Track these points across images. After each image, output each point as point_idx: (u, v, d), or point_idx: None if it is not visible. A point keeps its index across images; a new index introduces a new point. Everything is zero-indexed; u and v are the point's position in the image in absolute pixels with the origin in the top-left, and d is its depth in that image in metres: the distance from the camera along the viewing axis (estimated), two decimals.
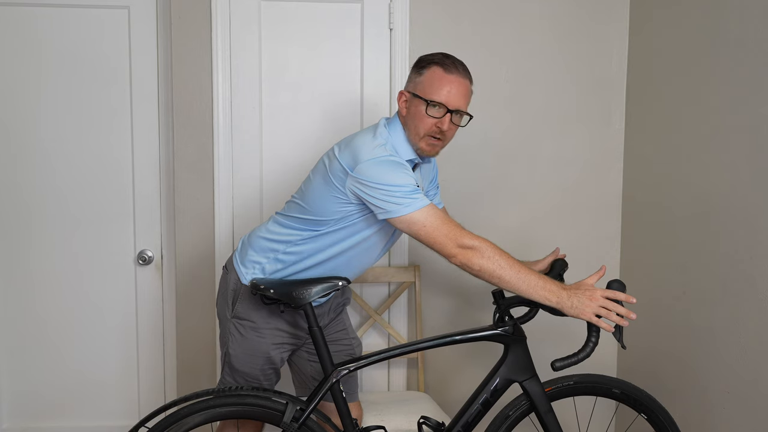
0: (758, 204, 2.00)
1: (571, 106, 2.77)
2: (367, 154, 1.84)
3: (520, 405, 1.96)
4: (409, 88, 1.96)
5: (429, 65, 1.94)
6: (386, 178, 1.82)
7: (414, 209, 1.81)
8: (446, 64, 1.93)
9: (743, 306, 2.07)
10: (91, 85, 2.73)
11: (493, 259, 1.79)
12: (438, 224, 1.81)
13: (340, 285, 1.93)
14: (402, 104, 1.97)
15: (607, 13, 2.75)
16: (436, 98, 1.89)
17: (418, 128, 1.92)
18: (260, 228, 2.09)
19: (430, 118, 1.90)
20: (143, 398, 2.85)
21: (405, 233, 1.88)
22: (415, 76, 1.96)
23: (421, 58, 1.99)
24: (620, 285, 1.78)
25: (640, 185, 2.68)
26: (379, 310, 2.69)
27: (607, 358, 2.83)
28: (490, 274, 1.79)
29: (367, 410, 2.32)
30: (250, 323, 2.03)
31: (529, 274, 1.79)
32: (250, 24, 2.67)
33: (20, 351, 2.80)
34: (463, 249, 1.80)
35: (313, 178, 1.99)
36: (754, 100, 2.02)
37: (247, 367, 2.04)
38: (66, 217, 2.76)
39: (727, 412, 2.15)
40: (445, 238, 1.81)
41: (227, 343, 2.07)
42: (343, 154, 1.89)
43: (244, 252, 2.06)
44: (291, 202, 2.07)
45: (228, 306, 2.06)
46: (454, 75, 1.92)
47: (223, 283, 2.11)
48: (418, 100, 1.91)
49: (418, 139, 1.93)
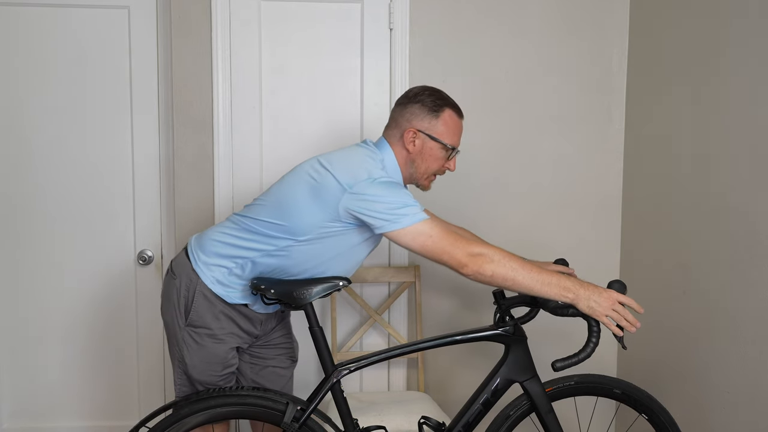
0: (758, 204, 2.00)
1: (571, 106, 2.77)
2: (367, 174, 1.84)
3: (521, 405, 1.96)
4: (423, 129, 1.94)
5: (443, 108, 1.95)
6: (389, 193, 1.81)
7: (417, 220, 1.80)
8: (455, 107, 1.98)
9: (743, 306, 2.07)
10: (91, 85, 2.73)
11: (503, 262, 1.77)
12: (444, 234, 1.80)
13: (340, 285, 1.92)
14: (410, 141, 1.95)
15: (607, 13, 2.76)
16: (454, 143, 1.96)
17: (429, 168, 1.96)
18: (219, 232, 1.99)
19: (444, 161, 1.96)
20: (143, 398, 2.85)
21: (408, 248, 1.84)
22: (428, 117, 1.95)
23: (428, 95, 1.96)
24: (621, 285, 1.78)
25: (640, 185, 2.68)
26: (379, 310, 2.69)
27: (607, 358, 2.83)
28: (503, 278, 1.77)
29: (367, 410, 2.32)
30: (206, 330, 1.97)
31: (541, 272, 1.77)
32: (250, 24, 2.67)
33: (20, 351, 2.80)
34: (473, 257, 1.77)
35: (296, 190, 1.90)
36: (754, 100, 2.02)
37: (206, 376, 2.00)
38: (66, 216, 2.76)
39: (727, 412, 2.15)
40: (454, 248, 1.78)
41: (181, 353, 2.00)
42: (338, 171, 1.85)
43: (203, 256, 1.97)
44: (259, 206, 1.97)
45: (179, 314, 1.98)
46: (461, 118, 1.99)
47: (169, 289, 2.00)
48: (434, 143, 1.94)
49: (424, 177, 1.97)
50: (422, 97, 1.97)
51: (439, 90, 1.99)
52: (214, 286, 1.95)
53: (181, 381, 2.05)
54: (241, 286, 1.97)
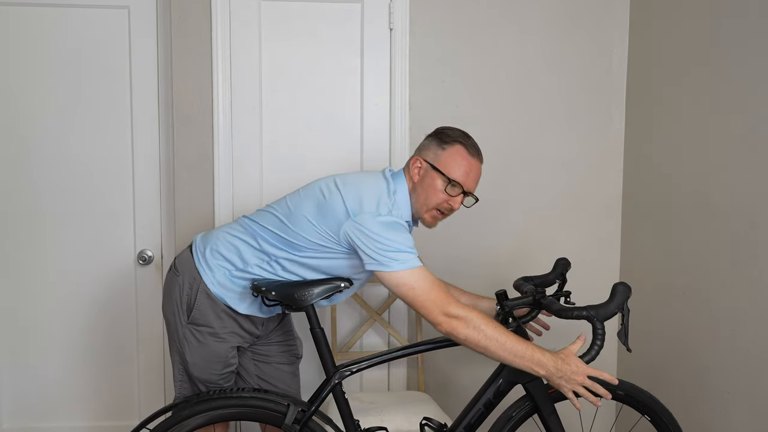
0: (758, 204, 2.00)
1: (571, 106, 2.77)
2: (375, 208, 1.84)
3: (524, 406, 1.97)
4: (428, 158, 1.95)
5: (453, 143, 1.93)
6: (386, 233, 1.81)
7: (406, 268, 1.79)
8: (469, 146, 1.94)
9: (743, 306, 2.07)
10: (91, 84, 2.72)
11: (479, 329, 1.76)
12: (427, 288, 1.79)
13: (342, 286, 1.93)
14: (415, 170, 1.96)
15: (608, 14, 2.76)
16: (457, 178, 1.91)
17: (429, 200, 1.93)
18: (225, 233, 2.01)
19: (444, 194, 1.92)
20: (143, 398, 2.85)
21: (390, 291, 1.85)
22: (436, 148, 1.95)
23: (443, 132, 1.97)
24: (625, 287, 1.78)
25: (640, 185, 2.68)
26: (379, 310, 2.69)
27: (608, 359, 2.83)
28: (475, 344, 1.77)
29: (367, 411, 2.32)
30: (208, 329, 1.97)
31: (516, 343, 1.76)
32: (250, 24, 2.66)
33: (20, 351, 2.80)
34: (448, 318, 1.77)
35: (305, 204, 1.93)
36: (754, 100, 2.02)
37: (206, 374, 2.00)
38: (66, 216, 2.76)
39: (727, 412, 2.16)
40: (432, 305, 1.78)
41: (182, 351, 2.00)
42: (349, 195, 1.87)
43: (207, 254, 1.99)
44: (269, 214, 2.00)
45: (181, 312, 1.98)
46: (474, 158, 1.94)
47: (172, 286, 2.01)
48: (435, 173, 1.92)
49: (425, 210, 1.94)
50: (441, 131, 1.98)
51: (461, 131, 1.97)
52: (214, 287, 1.96)
53: (181, 378, 2.05)
54: (241, 288, 1.97)
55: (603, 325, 1.77)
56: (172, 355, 2.07)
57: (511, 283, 2.20)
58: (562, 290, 2.09)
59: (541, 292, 1.98)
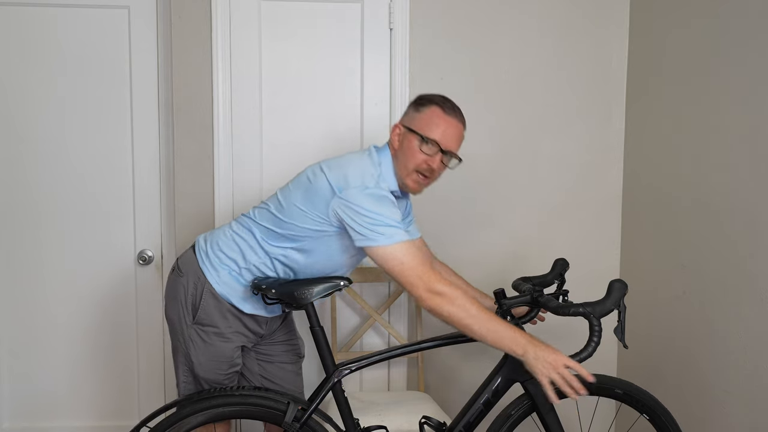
0: (758, 204, 2.00)
1: (571, 106, 2.77)
2: (360, 182, 1.84)
3: (522, 405, 1.97)
4: (405, 123, 1.97)
5: (428, 104, 1.95)
6: (373, 206, 1.82)
7: (394, 242, 1.80)
8: (445, 106, 1.95)
9: (743, 306, 2.07)
10: (92, 84, 2.73)
11: (463, 306, 1.77)
12: (414, 264, 1.81)
13: (341, 285, 1.93)
14: (395, 137, 1.97)
15: (608, 13, 2.76)
16: (431, 135, 1.91)
17: (408, 163, 1.93)
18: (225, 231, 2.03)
19: (421, 154, 1.91)
20: (143, 398, 2.85)
21: (379, 267, 1.86)
22: (413, 112, 1.97)
23: (421, 96, 1.99)
24: (622, 284, 1.78)
25: (640, 185, 2.69)
26: (379, 310, 2.69)
27: (608, 358, 2.83)
28: (458, 322, 1.78)
29: (367, 410, 2.32)
30: (213, 329, 1.98)
31: (497, 324, 1.77)
32: (250, 24, 2.66)
33: (20, 351, 2.80)
34: (432, 294, 1.79)
35: (294, 194, 1.95)
36: (754, 100, 2.02)
37: (212, 374, 2.00)
38: (66, 216, 2.76)
39: (727, 411, 2.16)
40: (418, 280, 1.80)
41: (187, 351, 2.00)
42: (333, 173, 1.88)
43: (210, 254, 1.99)
44: (262, 210, 2.01)
45: (186, 312, 1.98)
46: (451, 117, 1.94)
47: (176, 287, 2.01)
48: (412, 135, 1.92)
49: (406, 174, 1.94)
50: (420, 96, 2.00)
51: (441, 95, 1.98)
52: (219, 287, 1.97)
53: (186, 379, 2.05)
54: (245, 287, 1.98)
55: (599, 321, 1.77)
56: (175, 357, 2.06)
57: (509, 283, 2.20)
58: (561, 290, 2.09)
59: (539, 291, 1.98)
